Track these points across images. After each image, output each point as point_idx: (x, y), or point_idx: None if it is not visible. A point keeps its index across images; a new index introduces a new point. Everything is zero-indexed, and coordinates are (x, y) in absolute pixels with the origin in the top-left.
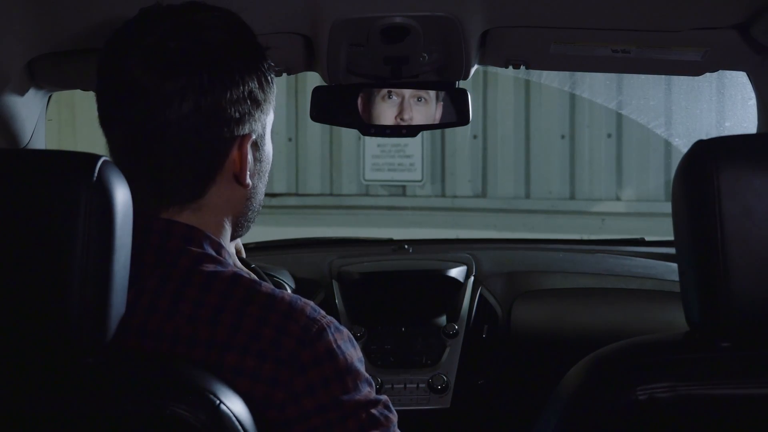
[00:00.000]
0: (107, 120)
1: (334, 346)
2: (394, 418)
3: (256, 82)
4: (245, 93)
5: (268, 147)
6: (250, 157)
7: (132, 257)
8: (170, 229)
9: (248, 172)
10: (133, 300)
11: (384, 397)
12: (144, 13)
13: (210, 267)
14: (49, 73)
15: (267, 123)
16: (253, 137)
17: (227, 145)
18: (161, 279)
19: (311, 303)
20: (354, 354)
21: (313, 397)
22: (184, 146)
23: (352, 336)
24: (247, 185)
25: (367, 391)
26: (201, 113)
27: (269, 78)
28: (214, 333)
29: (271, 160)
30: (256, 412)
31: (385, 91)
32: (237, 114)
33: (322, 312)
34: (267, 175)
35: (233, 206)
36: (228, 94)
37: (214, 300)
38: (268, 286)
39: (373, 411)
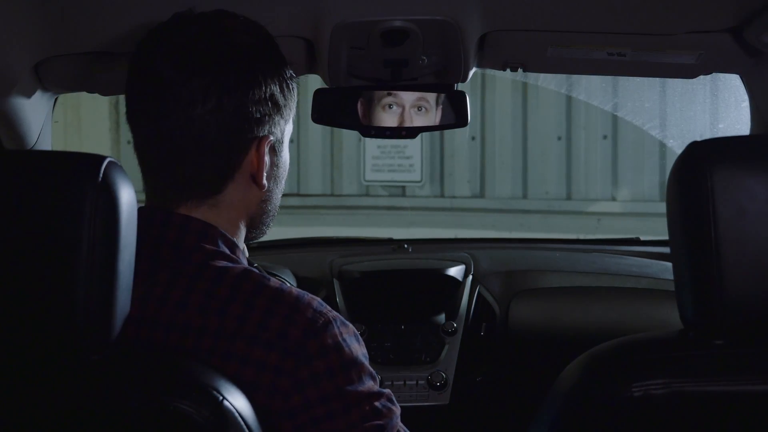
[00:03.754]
0: (134, 115)
1: (340, 338)
2: (397, 410)
3: (278, 87)
4: (267, 95)
5: (285, 155)
6: (267, 159)
7: (148, 251)
8: (187, 225)
9: (265, 174)
10: (147, 292)
11: (387, 391)
12: (176, 17)
13: (221, 263)
14: (55, 75)
15: (286, 131)
16: (272, 139)
17: (247, 143)
18: (174, 273)
19: (318, 298)
20: (358, 349)
21: (318, 386)
22: (205, 141)
23: (357, 332)
24: (263, 186)
25: (371, 384)
26: (224, 110)
27: (291, 86)
28: (223, 323)
29: (287, 168)
30: (262, 402)
31: (385, 101)
32: (258, 114)
33: (328, 307)
34: (283, 182)
35: (248, 206)
36: (250, 94)
37: (224, 292)
38: (276, 281)
39: (376, 403)
